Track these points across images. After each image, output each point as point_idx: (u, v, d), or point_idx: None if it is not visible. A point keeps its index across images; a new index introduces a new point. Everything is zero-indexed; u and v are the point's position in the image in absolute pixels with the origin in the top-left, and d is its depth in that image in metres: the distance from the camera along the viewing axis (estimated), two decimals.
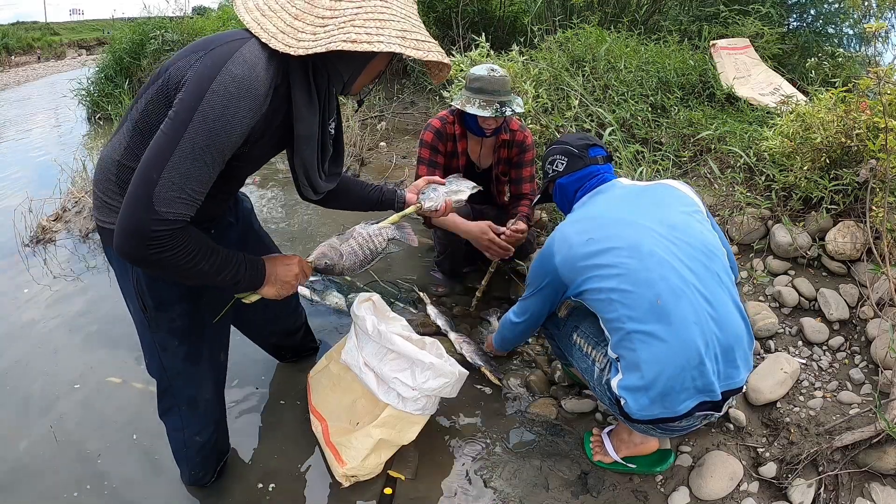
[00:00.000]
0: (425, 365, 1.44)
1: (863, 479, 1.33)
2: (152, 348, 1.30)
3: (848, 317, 1.70)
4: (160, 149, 0.95)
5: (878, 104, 1.67)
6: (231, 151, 1.00)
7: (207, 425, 1.43)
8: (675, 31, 3.80)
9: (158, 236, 0.94)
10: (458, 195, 1.51)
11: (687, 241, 1.28)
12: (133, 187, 0.95)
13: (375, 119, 4.50)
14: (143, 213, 0.93)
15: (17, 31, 21.59)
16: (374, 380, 1.50)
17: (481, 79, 1.94)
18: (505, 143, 2.13)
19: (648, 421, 1.26)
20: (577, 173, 1.51)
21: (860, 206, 1.81)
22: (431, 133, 2.12)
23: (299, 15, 1.00)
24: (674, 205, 1.37)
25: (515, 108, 1.95)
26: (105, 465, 1.58)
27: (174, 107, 0.96)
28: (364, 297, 1.63)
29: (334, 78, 1.13)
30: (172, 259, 0.97)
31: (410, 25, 1.04)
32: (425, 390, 1.44)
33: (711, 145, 2.55)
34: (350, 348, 1.58)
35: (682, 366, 1.19)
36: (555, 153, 1.56)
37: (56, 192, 3.48)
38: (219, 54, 0.97)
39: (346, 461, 1.45)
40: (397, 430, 1.48)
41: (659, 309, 1.20)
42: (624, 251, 1.25)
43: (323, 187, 1.29)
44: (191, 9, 10.52)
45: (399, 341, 1.46)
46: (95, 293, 2.46)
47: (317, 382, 1.70)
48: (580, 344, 1.43)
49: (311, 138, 1.16)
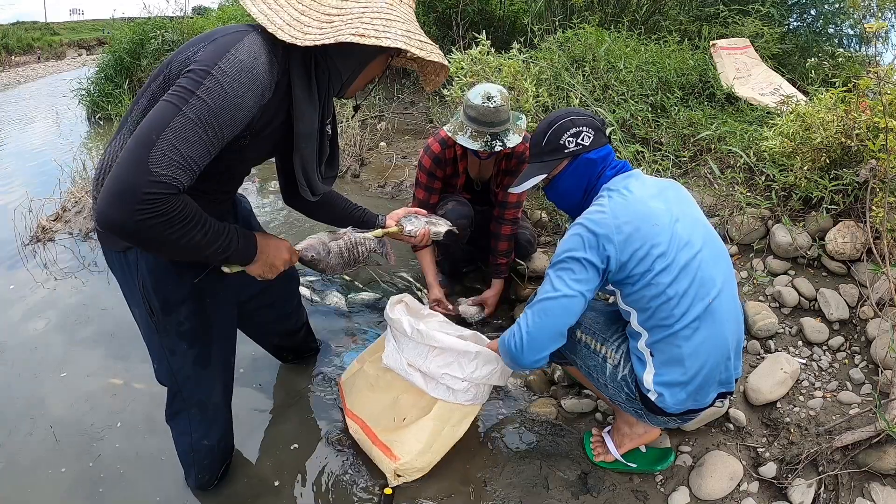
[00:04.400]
0: (472, 355, 1.45)
1: (863, 479, 1.33)
2: (161, 353, 1.29)
3: (848, 317, 1.70)
4: (161, 113, 0.92)
5: (878, 104, 1.67)
6: (231, 133, 0.99)
7: (215, 429, 1.42)
8: (675, 31, 3.80)
9: (150, 199, 0.88)
10: (437, 228, 1.59)
11: (714, 238, 1.31)
12: (127, 149, 0.90)
13: (375, 119, 4.49)
14: (137, 173, 0.87)
15: (17, 31, 21.64)
16: (420, 378, 1.51)
17: (475, 108, 1.82)
18: (506, 155, 2.07)
19: (676, 414, 1.28)
20: (602, 150, 1.33)
21: (860, 206, 1.81)
22: (430, 159, 2.07)
23: (305, 11, 1.02)
24: (688, 198, 1.37)
25: (508, 142, 1.86)
26: (106, 466, 1.58)
27: (179, 80, 0.95)
28: (396, 300, 1.64)
29: (334, 77, 1.14)
30: (161, 227, 0.91)
31: (414, 28, 1.07)
32: (475, 379, 1.46)
33: (711, 145, 2.55)
34: (390, 352, 1.58)
35: (717, 362, 1.24)
36: (578, 125, 1.31)
37: (56, 192, 3.48)
38: (223, 43, 0.98)
39: (400, 456, 1.44)
40: (451, 423, 1.49)
41: (710, 307, 1.22)
42: (683, 248, 1.21)
43: (321, 189, 1.29)
44: (191, 9, 10.54)
45: (442, 336, 1.46)
46: (95, 293, 2.46)
47: (351, 385, 1.68)
48: (586, 341, 1.39)
49: (311, 136, 1.16)
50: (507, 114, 1.87)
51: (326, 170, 1.32)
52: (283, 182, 1.45)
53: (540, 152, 1.36)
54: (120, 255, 1.19)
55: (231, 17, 7.40)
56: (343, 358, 1.97)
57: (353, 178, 3.76)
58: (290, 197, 1.48)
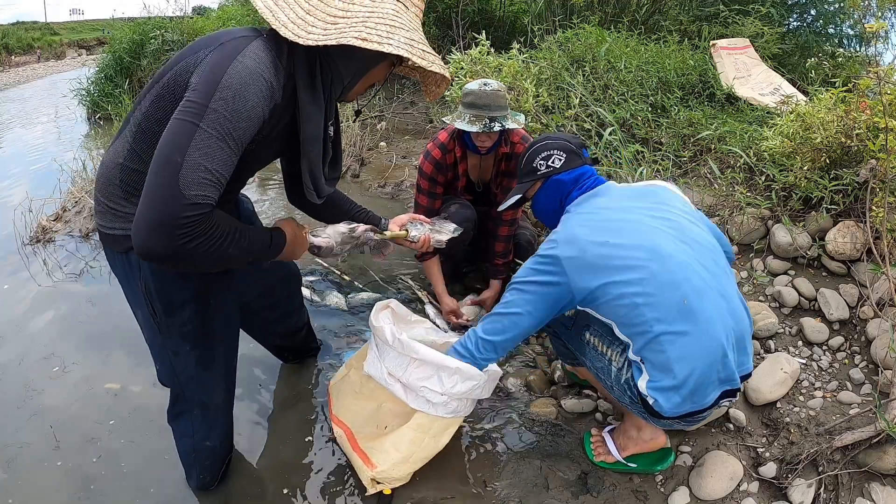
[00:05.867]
0: (451, 370, 1.39)
1: (863, 479, 1.34)
2: (163, 354, 1.29)
3: (848, 317, 1.70)
4: (180, 132, 0.92)
5: (878, 104, 1.67)
6: (247, 140, 1.00)
7: (217, 430, 1.42)
8: (675, 31, 3.80)
9: (189, 223, 0.88)
10: (440, 235, 1.59)
11: (696, 240, 1.31)
12: (154, 176, 0.90)
13: (375, 119, 4.50)
14: (171, 200, 0.87)
15: (17, 31, 21.65)
16: (401, 389, 1.47)
17: (473, 93, 1.86)
18: (505, 156, 2.06)
19: (677, 417, 1.27)
20: (574, 171, 1.45)
21: (860, 206, 1.81)
22: (431, 165, 2.06)
23: (311, 10, 1.02)
24: (675, 205, 1.38)
25: (507, 124, 1.85)
26: (106, 466, 1.58)
27: (188, 95, 0.96)
28: (381, 306, 1.59)
29: (336, 79, 1.14)
30: (203, 246, 0.92)
31: (418, 37, 1.07)
32: (455, 394, 1.41)
33: (711, 145, 2.55)
34: (372, 360, 1.55)
35: (711, 361, 1.23)
36: (550, 148, 1.46)
37: (56, 192, 3.48)
38: (229, 49, 0.99)
39: (377, 464, 1.40)
40: (432, 434, 1.44)
41: (686, 309, 1.21)
42: (643, 254, 1.23)
43: (326, 191, 1.29)
44: (191, 9, 10.55)
45: (422, 349, 1.41)
46: (95, 294, 2.46)
47: (337, 391, 1.66)
48: (594, 343, 1.39)
49: (317, 138, 1.17)
50: (505, 101, 1.89)
51: (330, 171, 1.32)
52: (289, 184, 1.45)
53: (521, 174, 1.54)
54: (122, 257, 1.19)
55: (231, 18, 7.39)
56: (343, 358, 1.97)
57: (353, 178, 3.76)
58: (295, 197, 1.48)
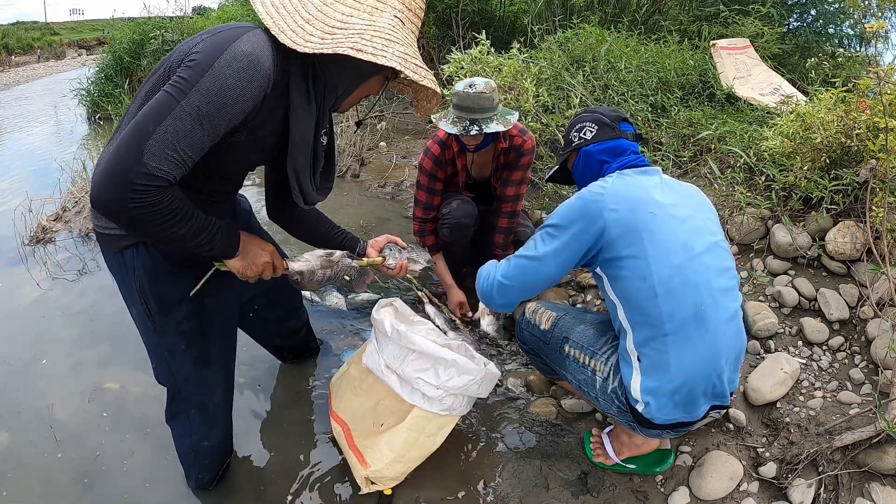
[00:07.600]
0: (447, 362, 1.40)
1: (863, 479, 1.33)
2: (159, 354, 1.29)
3: (848, 317, 1.70)
4: (161, 104, 0.94)
5: (878, 104, 1.67)
6: (230, 123, 1.00)
7: (216, 430, 1.42)
8: (675, 31, 3.81)
9: (142, 190, 0.91)
10: (415, 265, 1.60)
11: (724, 247, 1.29)
12: (125, 136, 0.93)
13: (375, 119, 4.50)
14: (132, 163, 0.90)
15: (17, 30, 21.63)
16: (396, 381, 1.47)
17: (458, 94, 1.87)
18: (504, 150, 2.07)
19: (666, 425, 1.25)
20: (606, 143, 1.39)
21: (860, 206, 1.81)
22: (431, 161, 2.07)
23: (311, 20, 1.03)
24: (710, 211, 1.35)
25: (489, 127, 1.83)
26: (106, 466, 1.58)
27: (180, 70, 0.97)
28: (385, 303, 1.62)
29: (330, 88, 1.15)
30: (150, 216, 0.95)
31: (412, 52, 1.09)
32: (450, 388, 1.41)
33: (711, 145, 2.55)
34: (371, 351, 1.56)
35: (709, 373, 1.21)
36: (584, 121, 1.44)
37: (56, 192, 3.48)
38: (226, 36, 1.00)
39: (371, 463, 1.40)
40: (427, 433, 1.44)
41: (701, 315, 1.18)
42: (679, 245, 1.20)
43: (314, 198, 1.28)
44: (191, 9, 10.55)
45: (419, 340, 1.43)
46: (95, 294, 2.46)
47: (337, 388, 1.67)
48: (574, 355, 1.38)
49: (305, 143, 1.16)
50: (491, 102, 1.86)
51: (322, 181, 1.32)
52: (271, 195, 1.45)
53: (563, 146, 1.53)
54: (117, 256, 1.19)
55: (231, 17, 7.40)
56: (343, 358, 1.97)
57: (353, 178, 3.76)
58: (274, 211, 1.48)
